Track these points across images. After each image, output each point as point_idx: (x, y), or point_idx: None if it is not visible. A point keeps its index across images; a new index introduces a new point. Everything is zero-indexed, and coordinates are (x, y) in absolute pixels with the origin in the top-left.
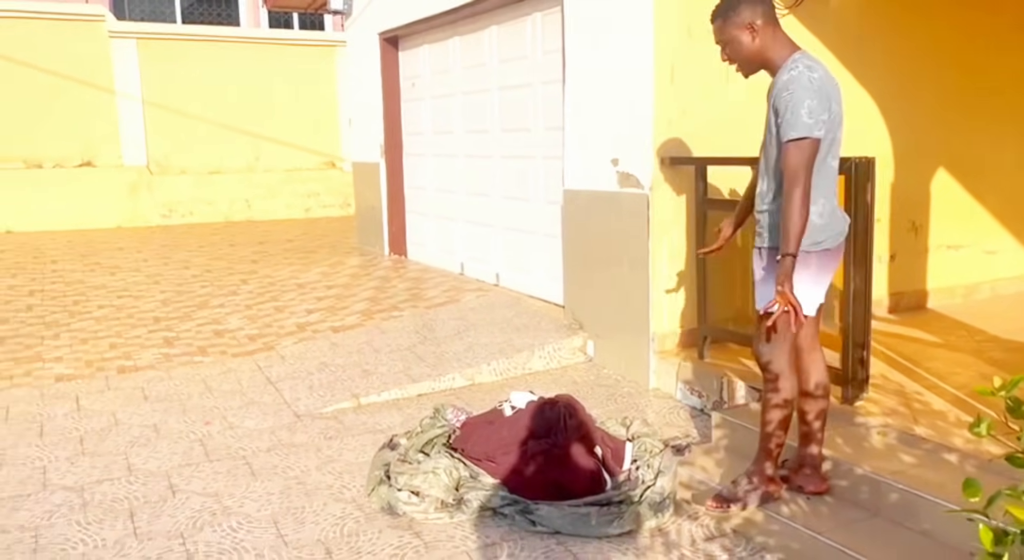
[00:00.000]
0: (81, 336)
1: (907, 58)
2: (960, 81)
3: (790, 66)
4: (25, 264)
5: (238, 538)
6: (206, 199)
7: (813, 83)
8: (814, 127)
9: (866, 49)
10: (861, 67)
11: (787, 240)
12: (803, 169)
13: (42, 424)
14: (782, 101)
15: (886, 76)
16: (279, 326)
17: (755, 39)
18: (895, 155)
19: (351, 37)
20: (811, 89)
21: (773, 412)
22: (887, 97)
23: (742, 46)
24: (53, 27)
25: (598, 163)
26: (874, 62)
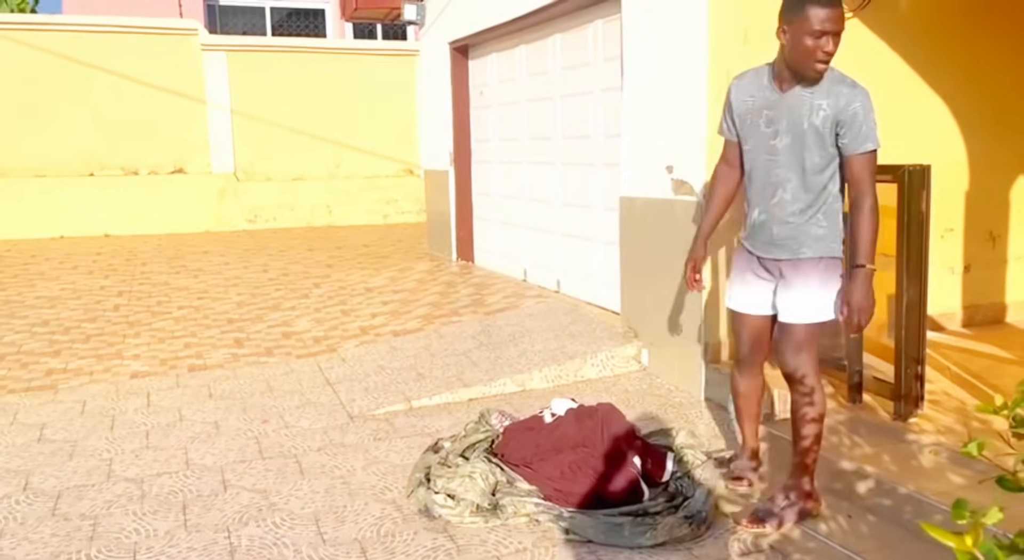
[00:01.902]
0: (160, 335)
1: (983, 60)
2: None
3: (840, 76)
4: (117, 266)
5: (279, 534)
6: (289, 205)
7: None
8: (877, 140)
9: (937, 52)
10: (932, 71)
11: (866, 251)
12: (872, 179)
13: (114, 418)
14: (852, 111)
15: (960, 79)
16: (344, 329)
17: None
18: (970, 162)
19: (424, 47)
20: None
21: (810, 426)
22: (961, 102)
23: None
24: (149, 41)
25: (654, 170)
26: (946, 65)
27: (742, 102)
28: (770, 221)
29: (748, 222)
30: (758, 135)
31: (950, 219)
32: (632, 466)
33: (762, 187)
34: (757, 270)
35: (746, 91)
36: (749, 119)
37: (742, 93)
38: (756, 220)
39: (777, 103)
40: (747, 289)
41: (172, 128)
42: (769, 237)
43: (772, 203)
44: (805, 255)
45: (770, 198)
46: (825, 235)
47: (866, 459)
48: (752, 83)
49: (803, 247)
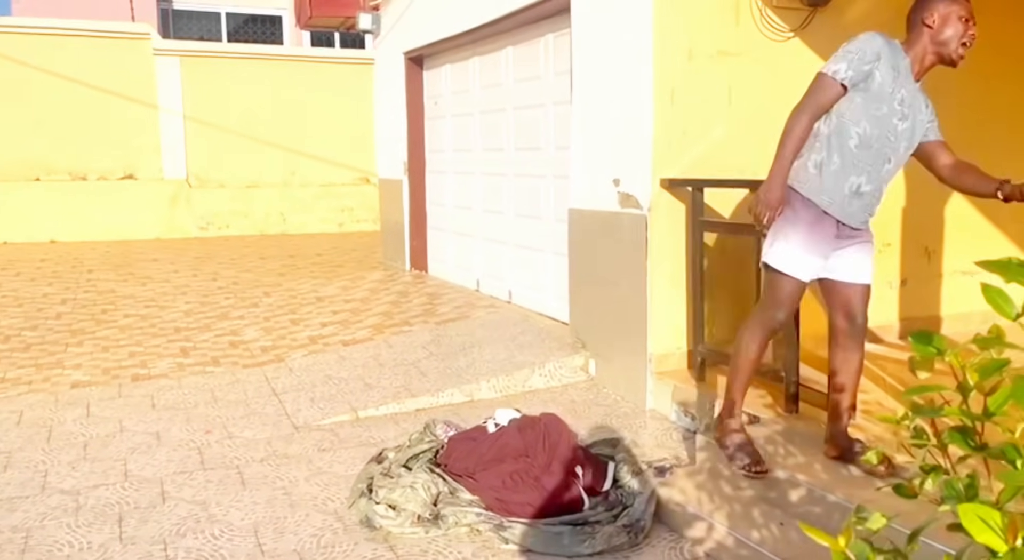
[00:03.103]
0: (103, 344)
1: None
2: (977, 103)
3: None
4: (62, 273)
5: (218, 545)
6: (242, 212)
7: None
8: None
9: None
10: None
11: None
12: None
13: (51, 429)
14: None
15: None
16: (292, 338)
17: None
18: (907, 179)
19: (379, 56)
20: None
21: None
22: None
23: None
24: (100, 45)
25: (601, 183)
26: None
27: (890, 69)
28: (875, 192)
29: (841, 187)
30: (891, 109)
31: (887, 234)
32: (573, 476)
33: (879, 158)
34: (832, 239)
35: (891, 62)
36: (889, 90)
37: (888, 61)
38: (862, 188)
39: (912, 88)
40: (817, 259)
41: (123, 133)
42: (869, 207)
43: (882, 174)
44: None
45: (880, 169)
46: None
47: (799, 468)
48: (895, 55)
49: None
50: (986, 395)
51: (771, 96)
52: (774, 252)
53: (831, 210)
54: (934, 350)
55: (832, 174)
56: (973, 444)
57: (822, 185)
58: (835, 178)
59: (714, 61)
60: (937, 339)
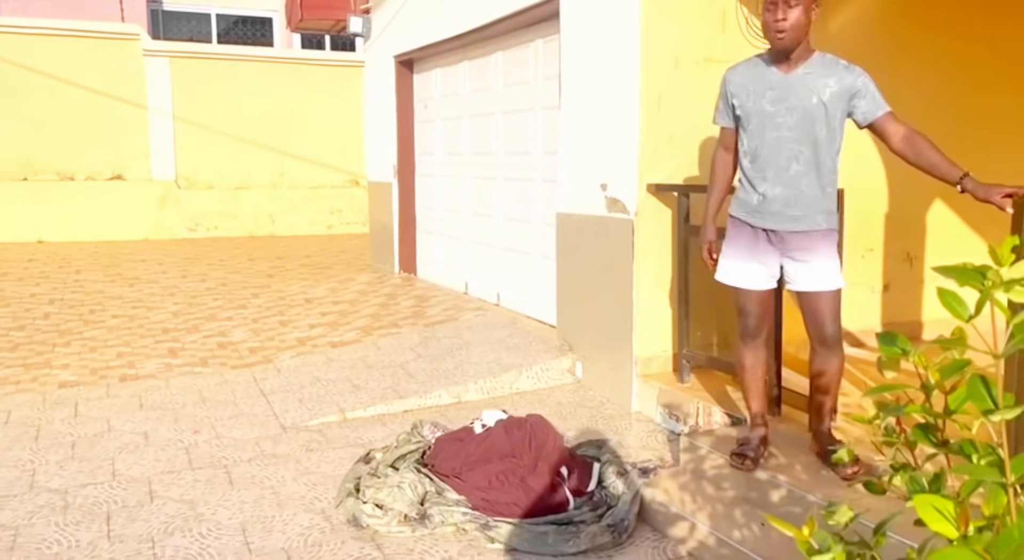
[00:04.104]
0: (91, 344)
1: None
2: (957, 111)
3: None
4: (50, 273)
5: (205, 544)
6: (231, 214)
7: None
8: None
9: None
10: None
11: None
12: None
13: (39, 428)
14: (863, 82)
15: None
16: (281, 340)
17: (810, 18)
18: (889, 186)
19: (369, 59)
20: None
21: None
22: None
23: (805, 17)
24: (89, 45)
25: (588, 188)
26: None
27: (741, 88)
28: (785, 194)
29: (751, 199)
30: (762, 118)
31: (870, 240)
32: (559, 476)
33: (773, 162)
34: (763, 245)
35: (741, 81)
36: (750, 104)
37: (738, 83)
38: (767, 194)
39: (780, 83)
40: (753, 265)
41: (111, 134)
42: (782, 209)
43: (788, 176)
44: (821, 226)
45: (784, 171)
46: (833, 209)
47: (780, 469)
48: (747, 71)
49: (819, 218)
50: (947, 394)
51: None
52: (719, 269)
53: (748, 220)
54: (899, 351)
55: (742, 190)
56: (935, 440)
57: (738, 202)
58: (744, 193)
59: (701, 68)
60: (902, 340)
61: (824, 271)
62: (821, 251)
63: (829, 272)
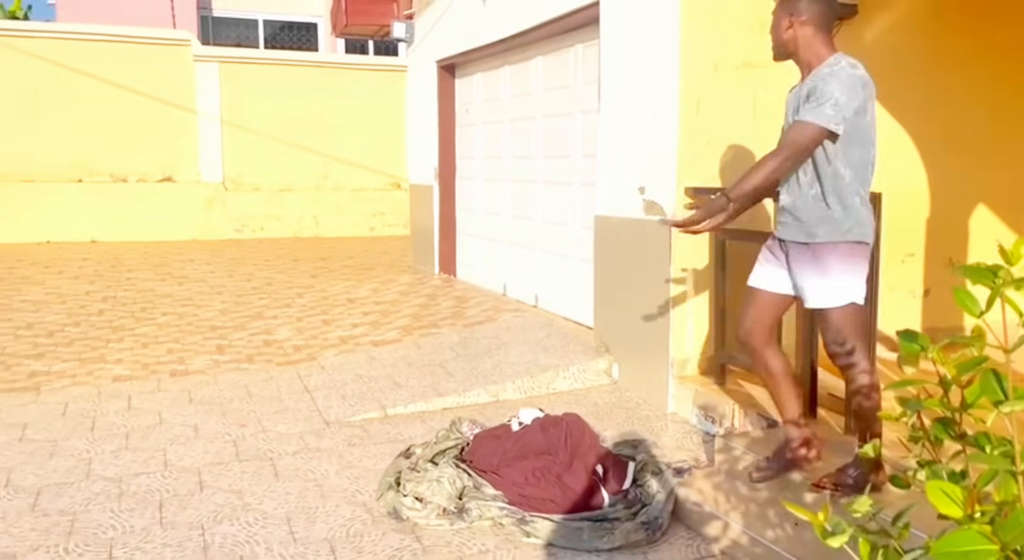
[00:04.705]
0: (143, 341)
1: (944, 91)
2: (1001, 113)
3: (833, 62)
4: (103, 272)
5: (252, 532)
6: (276, 215)
7: (852, 78)
8: (831, 120)
9: (900, 81)
10: (895, 100)
11: (740, 188)
12: (795, 148)
13: (95, 420)
14: (817, 89)
15: (921, 110)
16: (324, 338)
17: (790, 30)
18: (931, 190)
19: (412, 64)
20: (847, 85)
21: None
22: (923, 130)
23: (779, 29)
24: (142, 50)
25: (626, 191)
26: (909, 95)
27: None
28: (791, 203)
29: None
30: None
31: (911, 244)
32: (594, 474)
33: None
34: (777, 253)
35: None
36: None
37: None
38: (782, 203)
39: (791, 97)
40: (761, 268)
41: (162, 137)
42: (788, 219)
43: (795, 187)
44: (819, 239)
45: (793, 182)
46: (841, 219)
47: (815, 472)
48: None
49: (818, 230)
50: (963, 388)
51: None
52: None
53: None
54: (918, 347)
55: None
56: (953, 434)
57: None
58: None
59: (740, 72)
60: (921, 337)
61: (823, 287)
62: (821, 264)
63: (830, 288)
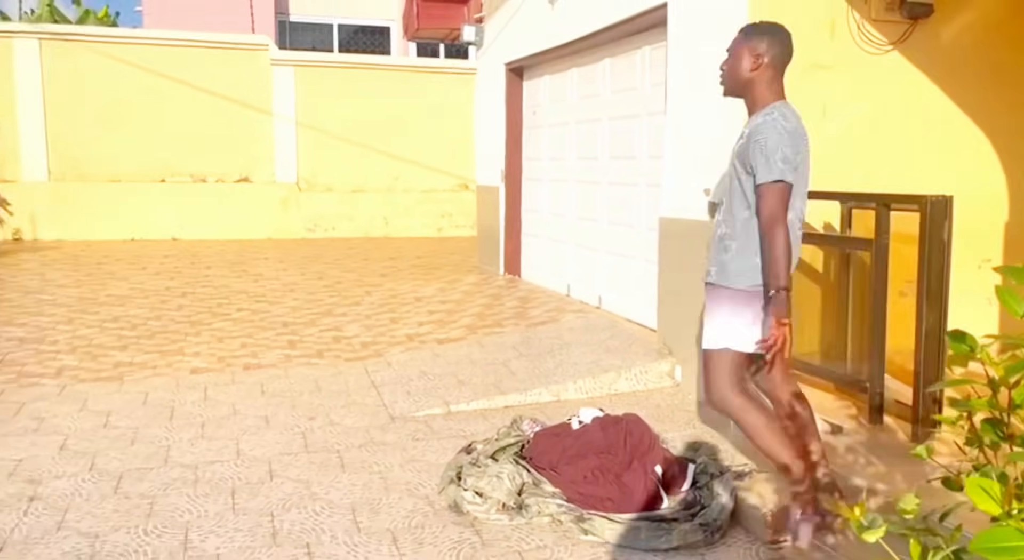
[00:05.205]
0: (219, 335)
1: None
2: None
3: (767, 111)
4: (183, 268)
5: (319, 520)
6: (348, 215)
7: (786, 130)
8: (787, 172)
9: (981, 85)
10: (971, 100)
11: (778, 276)
12: (782, 210)
13: (173, 409)
14: (757, 146)
15: (1000, 110)
16: (391, 335)
17: (752, 69)
18: (1010, 194)
19: (481, 66)
20: (785, 136)
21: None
22: (1001, 132)
23: (739, 65)
24: (222, 55)
25: (692, 193)
26: (986, 95)
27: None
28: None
29: None
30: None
31: (988, 250)
32: (652, 474)
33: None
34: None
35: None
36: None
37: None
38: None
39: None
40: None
41: (240, 138)
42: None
43: (718, 225)
44: (711, 279)
45: (719, 220)
46: (733, 264)
47: (879, 477)
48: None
49: (712, 270)
50: (1011, 389)
51: (870, 109)
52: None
53: None
54: (967, 348)
55: None
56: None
57: None
58: None
59: (808, 74)
60: (969, 338)
61: (706, 327)
62: (709, 306)
63: (709, 328)
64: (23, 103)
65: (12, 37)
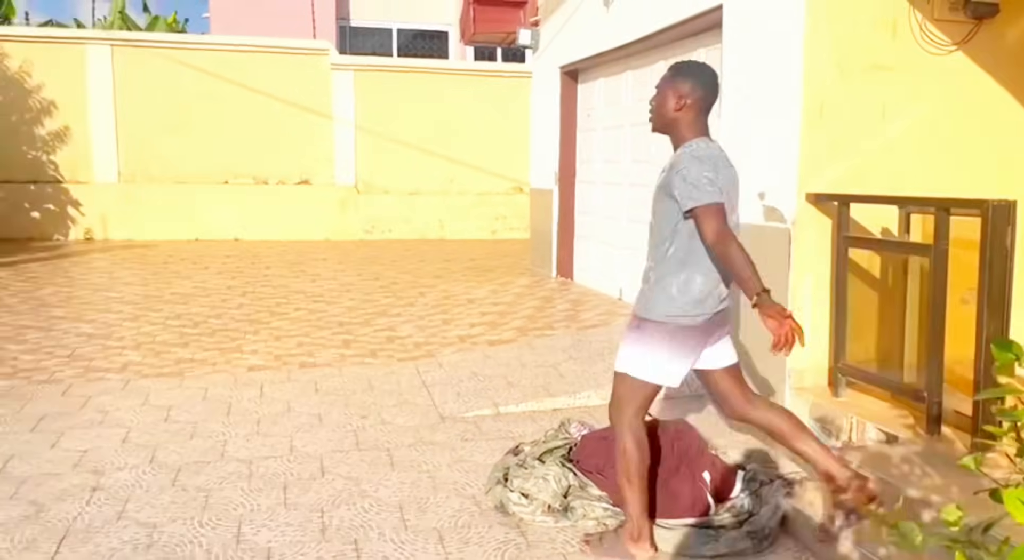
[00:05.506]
0: (276, 334)
1: None
2: None
3: (688, 145)
4: (244, 268)
5: (367, 517)
6: (404, 218)
7: (706, 156)
8: (716, 194)
9: None
10: None
11: (750, 284)
12: (723, 227)
13: (231, 405)
14: (679, 176)
15: None
16: (443, 336)
17: (677, 109)
18: None
19: (536, 69)
20: (705, 161)
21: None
22: None
23: (665, 103)
24: (284, 60)
25: (745, 196)
26: None
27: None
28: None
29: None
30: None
31: None
32: (700, 480)
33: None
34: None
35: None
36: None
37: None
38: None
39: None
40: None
41: (300, 142)
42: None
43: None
44: (635, 311)
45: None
46: (649, 295)
47: (934, 489)
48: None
49: (637, 301)
50: None
51: (931, 111)
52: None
53: None
54: (1012, 356)
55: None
56: None
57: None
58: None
59: (868, 75)
60: (1016, 346)
61: (620, 349)
62: (627, 331)
63: (621, 353)
64: (95, 107)
65: (85, 43)
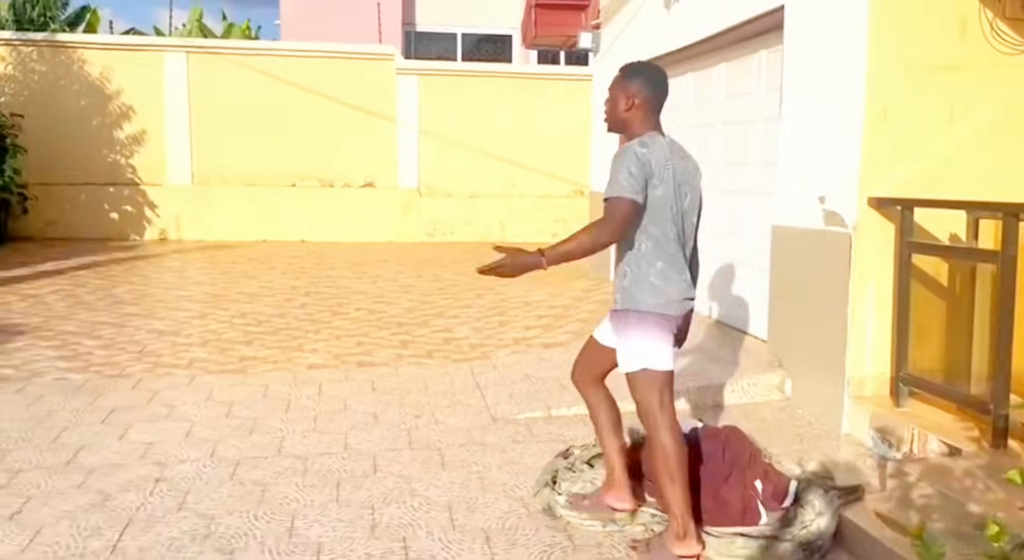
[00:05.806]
0: (337, 333)
1: None
2: None
3: (630, 143)
4: (308, 269)
5: (416, 516)
6: (466, 220)
7: (637, 153)
8: (629, 190)
9: None
10: None
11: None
12: (616, 223)
13: (290, 402)
14: (613, 166)
15: None
16: (498, 338)
17: (626, 109)
18: None
19: (597, 73)
20: (632, 158)
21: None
22: None
23: (615, 105)
24: (349, 65)
25: (806, 200)
26: None
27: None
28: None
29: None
30: None
31: None
32: (751, 489)
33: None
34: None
35: None
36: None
37: None
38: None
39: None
40: (604, 322)
41: (365, 145)
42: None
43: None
44: (617, 306)
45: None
46: (632, 289)
47: (997, 505)
48: None
49: (621, 299)
50: None
51: (1002, 113)
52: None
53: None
54: None
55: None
56: None
57: None
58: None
59: (934, 76)
60: None
61: (622, 352)
62: (619, 330)
63: (626, 353)
64: (170, 112)
65: (163, 50)
